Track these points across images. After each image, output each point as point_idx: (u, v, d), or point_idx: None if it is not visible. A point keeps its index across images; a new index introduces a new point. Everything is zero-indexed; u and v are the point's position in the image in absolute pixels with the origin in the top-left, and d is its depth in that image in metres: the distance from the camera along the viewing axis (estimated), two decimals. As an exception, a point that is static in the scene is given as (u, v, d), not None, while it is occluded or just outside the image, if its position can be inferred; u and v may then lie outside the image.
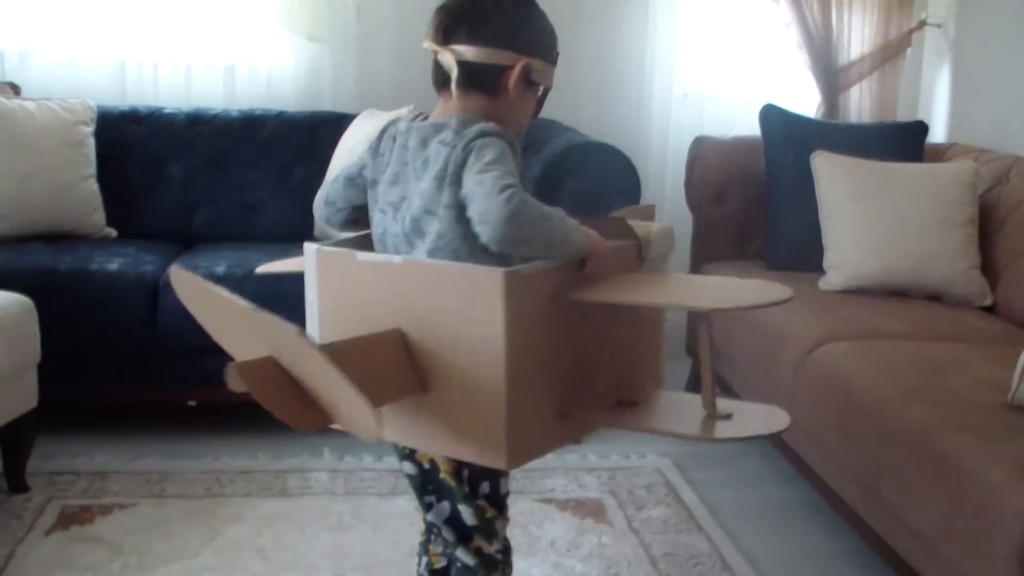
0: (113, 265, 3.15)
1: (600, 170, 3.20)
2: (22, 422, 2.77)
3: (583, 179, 3.18)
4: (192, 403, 3.23)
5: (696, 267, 3.70)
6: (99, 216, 3.53)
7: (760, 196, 3.57)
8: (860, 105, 4.07)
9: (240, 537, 2.65)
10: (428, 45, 1.66)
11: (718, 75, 4.16)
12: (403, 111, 3.40)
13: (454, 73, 1.64)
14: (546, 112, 3.71)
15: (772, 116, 3.56)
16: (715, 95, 4.17)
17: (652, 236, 1.73)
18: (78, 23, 3.86)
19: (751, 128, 3.67)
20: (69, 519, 2.70)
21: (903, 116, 4.03)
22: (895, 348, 2.70)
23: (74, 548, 2.55)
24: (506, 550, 1.81)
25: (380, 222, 1.69)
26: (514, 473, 2.86)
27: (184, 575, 2.46)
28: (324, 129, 3.77)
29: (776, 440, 3.01)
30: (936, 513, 2.12)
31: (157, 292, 3.11)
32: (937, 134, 3.97)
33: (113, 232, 3.57)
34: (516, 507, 2.79)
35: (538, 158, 3.29)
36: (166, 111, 3.80)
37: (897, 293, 3.17)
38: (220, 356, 1.55)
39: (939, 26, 4.08)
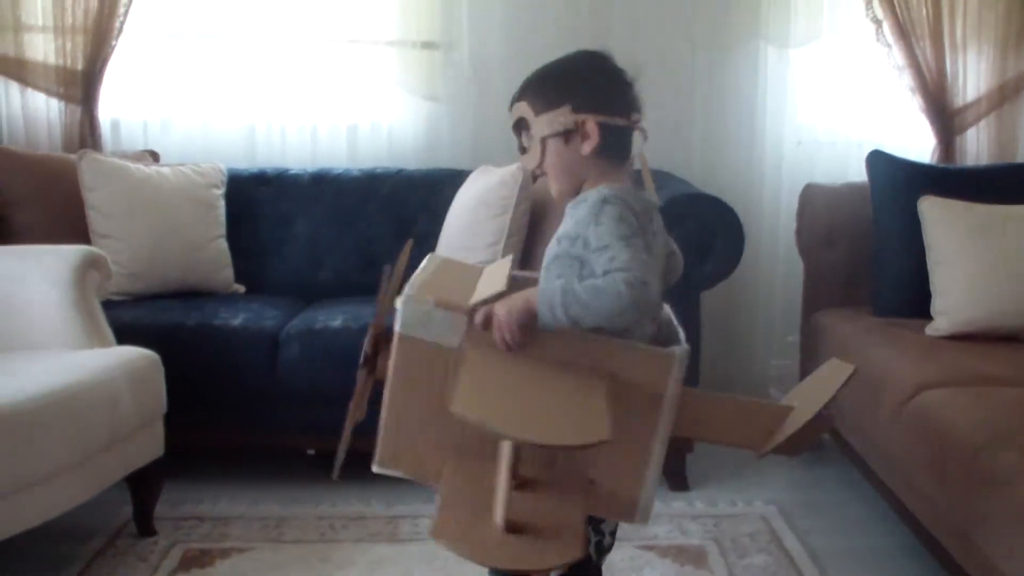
0: (237, 320, 3.33)
1: (704, 222, 3.24)
2: (150, 469, 2.95)
3: (686, 231, 3.22)
4: (311, 451, 3.37)
5: (807, 313, 3.70)
6: (228, 273, 3.74)
7: (870, 243, 3.55)
8: (978, 147, 4.01)
9: (348, 580, 2.77)
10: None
11: (832, 121, 4.16)
12: (513, 167, 3.52)
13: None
14: (660, 163, 3.82)
15: (879, 161, 3.54)
16: (829, 141, 4.16)
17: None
18: (212, 92, 4.12)
19: (865, 174, 3.66)
20: (191, 562, 2.86)
21: (1024, 157, 3.97)
22: (997, 394, 2.65)
23: (193, 589, 2.72)
24: None
25: None
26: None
27: (292, 616, 2.60)
28: (441, 185, 3.89)
29: (882, 488, 2.98)
30: (1020, 562, 2.10)
31: (277, 345, 3.28)
32: (1058, 174, 3.87)
33: (241, 288, 3.77)
34: (617, 554, 2.84)
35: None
36: (292, 171, 4.00)
37: (1006, 339, 3.11)
38: (335, 406, 1.77)
39: (1059, 63, 4.00)
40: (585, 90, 1.83)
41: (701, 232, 3.22)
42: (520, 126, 1.86)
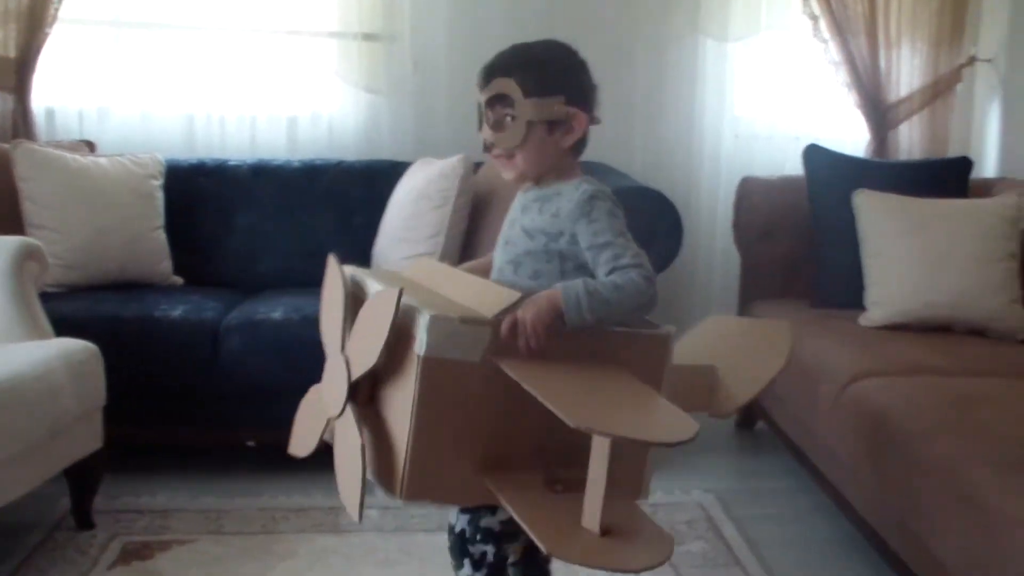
0: (176, 312, 3.30)
1: (643, 214, 3.27)
2: (88, 462, 2.92)
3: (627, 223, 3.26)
4: (250, 443, 3.36)
5: (744, 305, 3.76)
6: (167, 265, 3.71)
7: (807, 235, 3.61)
8: (911, 142, 4.10)
9: (293, 571, 2.76)
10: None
11: (769, 115, 4.22)
12: (454, 159, 3.53)
13: None
14: (600, 156, 3.84)
15: (815, 155, 3.61)
16: (766, 135, 4.22)
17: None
18: (150, 81, 4.08)
19: (802, 168, 3.72)
20: (131, 555, 2.83)
21: (955, 152, 4.04)
22: (931, 383, 2.71)
23: (133, 583, 2.70)
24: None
25: None
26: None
27: (235, 608, 2.59)
28: (382, 177, 3.89)
29: (819, 477, 3.04)
30: (956, 546, 2.15)
31: (218, 337, 3.26)
32: (988, 169, 3.97)
33: (180, 280, 3.74)
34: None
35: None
36: (231, 163, 3.97)
37: (939, 329, 3.19)
38: (277, 399, 1.73)
39: (989, 61, 4.10)
40: (577, 84, 1.87)
41: (641, 225, 3.23)
42: (500, 101, 1.83)
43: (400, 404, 1.66)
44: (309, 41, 4.09)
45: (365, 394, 1.73)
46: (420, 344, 1.61)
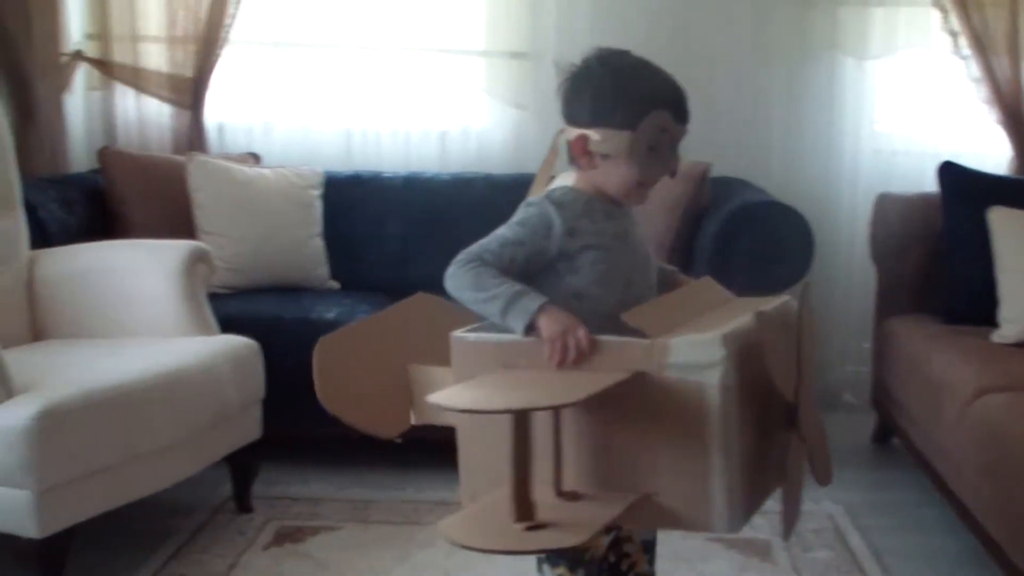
0: (331, 314, 3.54)
1: (774, 229, 3.37)
2: (248, 451, 3.18)
3: (757, 238, 3.36)
4: (398, 439, 3.56)
5: (879, 321, 3.80)
6: (324, 270, 3.96)
7: (941, 252, 3.64)
8: (1054, 159, 4.07)
9: (429, 560, 2.95)
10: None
11: (909, 131, 4.24)
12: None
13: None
14: (738, 172, 3.94)
15: (950, 172, 3.63)
16: (905, 151, 4.24)
17: (672, 342, 1.64)
18: (311, 98, 4.37)
19: (938, 184, 3.75)
20: (284, 537, 3.07)
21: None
22: (1056, 401, 2.74)
23: (286, 562, 2.92)
24: None
25: None
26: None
27: (376, 589, 2.79)
28: (527, 189, 4.04)
29: (945, 491, 3.08)
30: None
31: (368, 338, 3.47)
32: None
33: (336, 284, 3.99)
34: (685, 543, 3.01)
35: (716, 216, 3.50)
36: (385, 174, 4.21)
37: (1073, 347, 3.19)
38: None
39: None
40: None
41: (771, 239, 3.35)
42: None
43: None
44: (459, 59, 4.32)
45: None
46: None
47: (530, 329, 1.70)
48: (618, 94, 1.80)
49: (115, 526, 3.00)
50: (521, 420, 1.60)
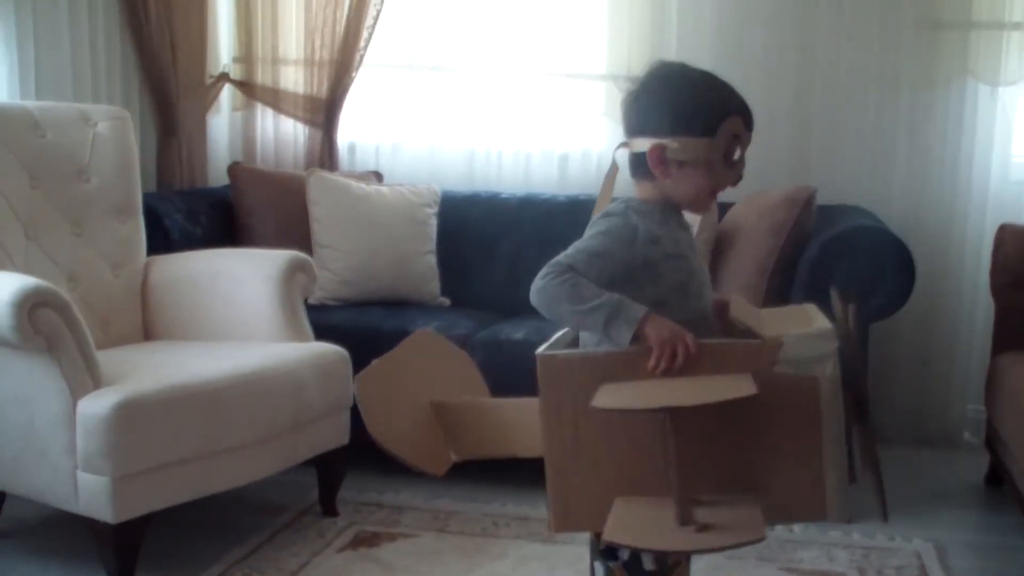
0: (431, 327, 3.60)
1: (873, 255, 3.26)
2: (335, 455, 3.27)
3: (855, 262, 3.26)
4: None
5: (994, 355, 3.61)
6: (435, 286, 4.04)
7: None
8: None
9: (497, 571, 2.97)
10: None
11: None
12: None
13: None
14: (860, 200, 3.83)
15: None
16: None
17: (786, 339, 1.68)
18: (436, 119, 4.48)
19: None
20: (361, 542, 3.15)
21: None
22: None
23: (356, 564, 2.99)
24: None
25: None
26: (769, 543, 3.01)
27: (435, 596, 2.83)
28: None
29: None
30: None
31: (466, 352, 3.52)
32: None
33: (447, 301, 4.06)
34: (758, 572, 2.95)
35: (818, 240, 3.41)
36: (502, 195, 4.27)
37: None
38: None
39: None
40: None
41: (869, 266, 3.24)
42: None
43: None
44: (581, 83, 4.35)
45: None
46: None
47: (634, 339, 1.70)
48: (697, 103, 1.80)
49: (200, 519, 3.15)
50: (680, 419, 1.63)
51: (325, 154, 4.47)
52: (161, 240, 3.72)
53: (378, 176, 4.36)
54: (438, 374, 2.08)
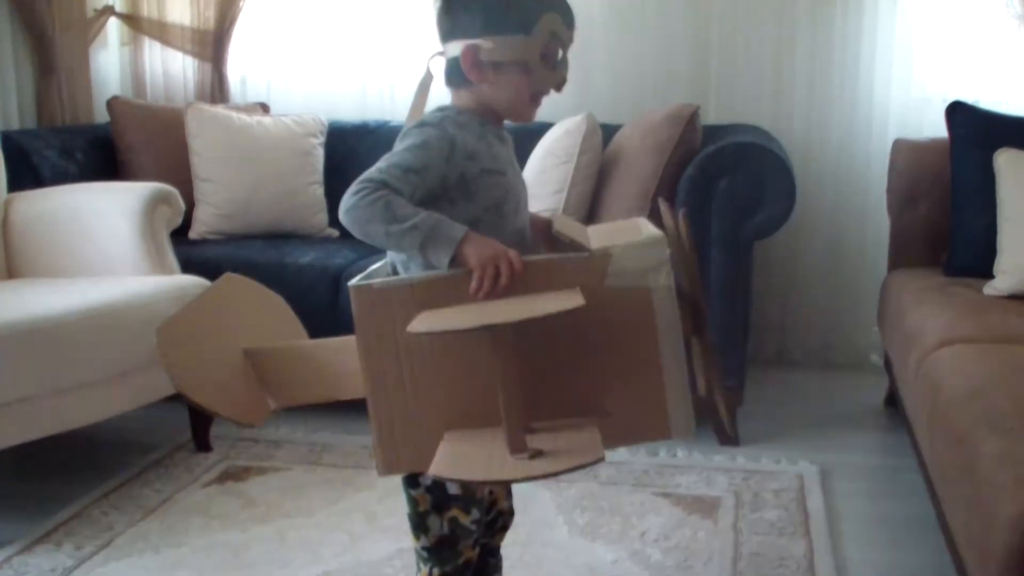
0: (306, 259, 3.52)
1: (753, 172, 3.18)
2: (205, 391, 3.19)
3: (735, 180, 3.18)
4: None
5: (889, 272, 3.55)
6: (322, 218, 3.95)
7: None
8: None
9: (360, 503, 2.90)
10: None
11: (944, 76, 3.94)
12: (578, 117, 3.55)
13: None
14: (756, 119, 3.75)
15: (960, 114, 3.34)
16: (942, 97, 3.93)
17: (614, 250, 1.60)
18: (328, 52, 4.39)
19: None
20: (228, 476, 3.08)
21: None
22: (1011, 352, 2.49)
23: (217, 499, 2.92)
24: (439, 548, 1.83)
25: None
26: (649, 470, 2.83)
27: (291, 528, 2.75)
28: (533, 137, 3.93)
29: (916, 451, 2.85)
30: (961, 518, 2.00)
31: (339, 283, 3.44)
32: None
33: (335, 232, 3.97)
34: (632, 497, 2.90)
35: (699, 156, 3.32)
36: (392, 123, 4.17)
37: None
38: None
39: None
40: None
41: (748, 183, 3.16)
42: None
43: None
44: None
45: None
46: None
47: (453, 261, 1.59)
48: (502, 3, 1.69)
49: (68, 459, 3.09)
50: (502, 340, 1.50)
51: (216, 88, 4.36)
52: (30, 178, 3.61)
53: (264, 108, 4.25)
54: (250, 321, 1.96)
